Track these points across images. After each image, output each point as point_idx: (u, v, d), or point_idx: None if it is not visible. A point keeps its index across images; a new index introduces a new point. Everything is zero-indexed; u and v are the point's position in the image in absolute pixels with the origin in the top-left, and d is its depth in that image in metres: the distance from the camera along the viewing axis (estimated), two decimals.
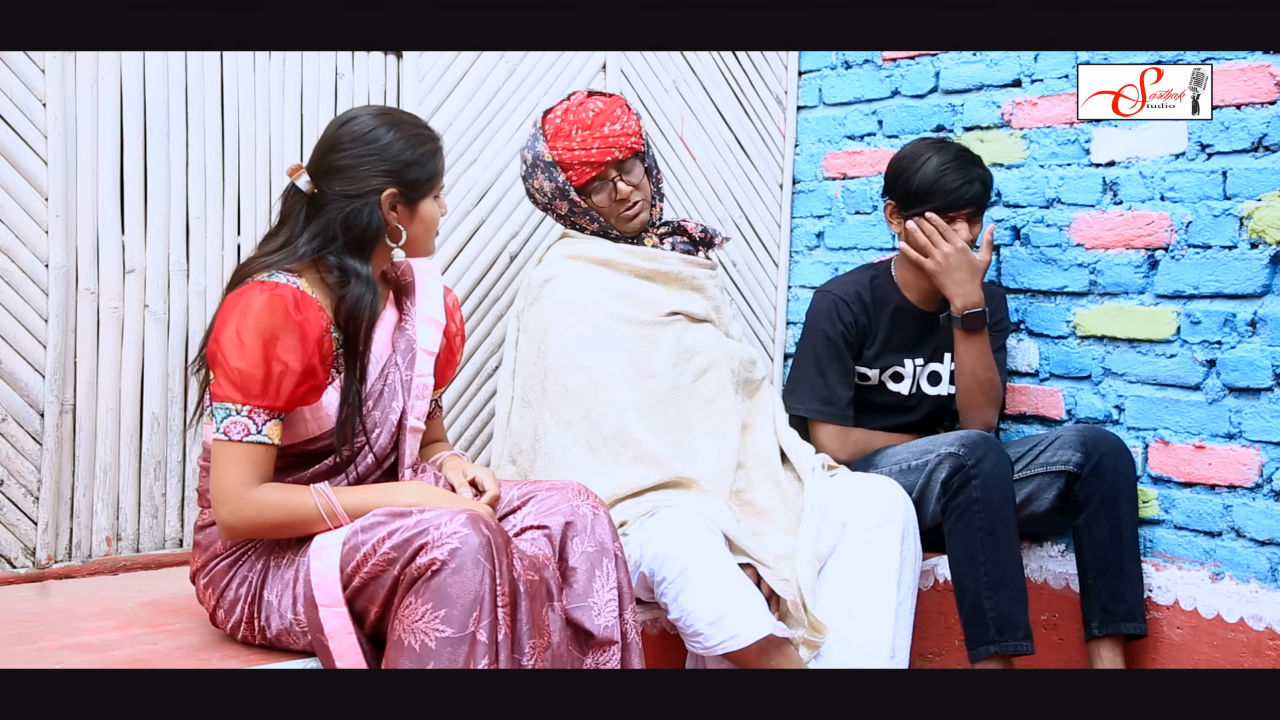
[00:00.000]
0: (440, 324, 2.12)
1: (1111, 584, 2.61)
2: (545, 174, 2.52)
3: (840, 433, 2.80)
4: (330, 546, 1.81)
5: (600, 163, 2.48)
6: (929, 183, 2.72)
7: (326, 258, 1.92)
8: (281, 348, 1.82)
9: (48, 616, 2.11)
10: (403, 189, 1.95)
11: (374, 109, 1.99)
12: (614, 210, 2.54)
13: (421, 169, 1.97)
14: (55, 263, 2.29)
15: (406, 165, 1.95)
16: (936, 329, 2.87)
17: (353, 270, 1.92)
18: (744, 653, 2.16)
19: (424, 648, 1.71)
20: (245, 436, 1.83)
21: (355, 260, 1.93)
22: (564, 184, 2.50)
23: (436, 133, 2.03)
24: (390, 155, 1.93)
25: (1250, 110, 2.56)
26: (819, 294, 2.89)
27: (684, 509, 2.30)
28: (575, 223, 2.59)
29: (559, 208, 2.56)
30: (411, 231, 1.99)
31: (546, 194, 2.54)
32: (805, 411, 2.82)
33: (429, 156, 1.98)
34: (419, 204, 1.99)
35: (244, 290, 1.86)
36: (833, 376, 2.81)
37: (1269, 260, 2.53)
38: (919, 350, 2.88)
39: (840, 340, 2.81)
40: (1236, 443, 2.59)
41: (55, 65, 2.26)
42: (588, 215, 2.55)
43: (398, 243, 1.98)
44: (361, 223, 1.92)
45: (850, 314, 2.82)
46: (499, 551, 1.76)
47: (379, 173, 1.93)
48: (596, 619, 1.97)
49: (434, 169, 1.99)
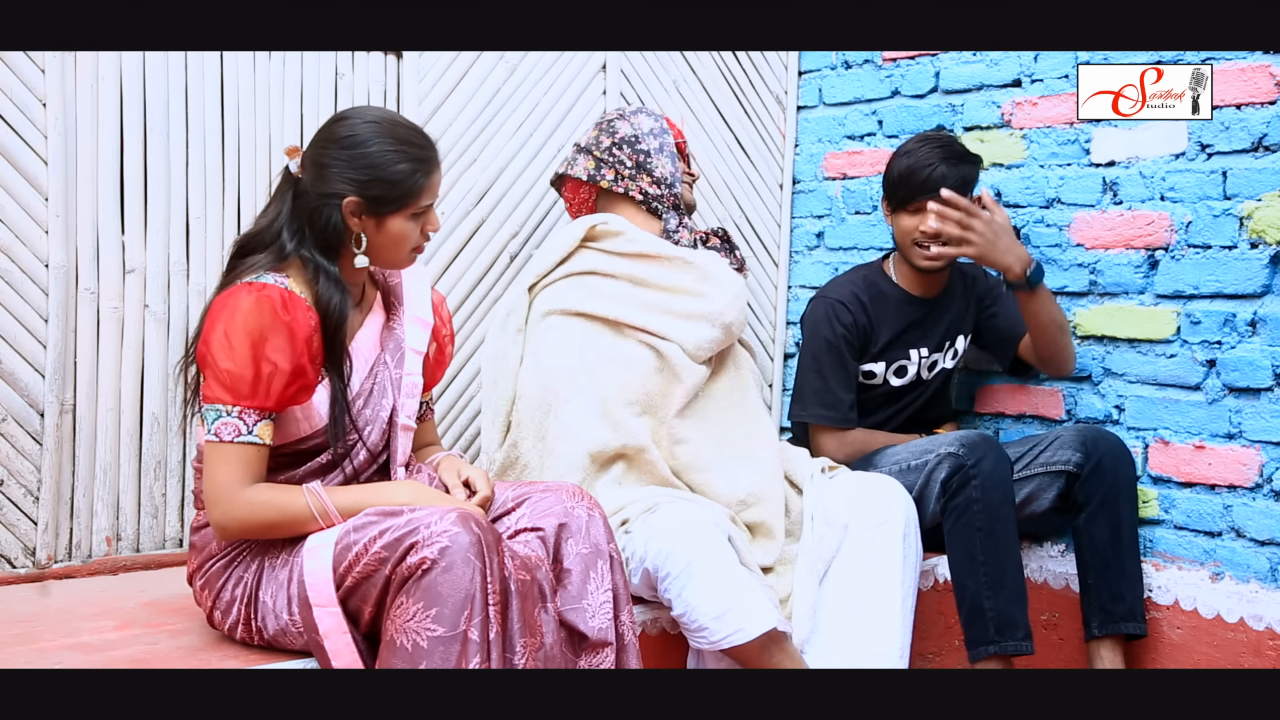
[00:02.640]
0: (428, 324, 2.12)
1: (1111, 584, 2.61)
2: (652, 119, 2.67)
3: (840, 435, 2.80)
4: (323, 546, 1.81)
5: (682, 148, 2.77)
6: (904, 169, 2.75)
7: (301, 253, 1.93)
8: (270, 348, 1.83)
9: (48, 616, 2.11)
10: (366, 201, 1.92)
11: (376, 114, 1.96)
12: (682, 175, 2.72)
13: (391, 187, 1.91)
14: (55, 263, 2.29)
15: (374, 180, 1.90)
16: (940, 317, 2.87)
17: (322, 268, 1.93)
18: (748, 648, 2.16)
19: (416, 647, 1.71)
20: (236, 437, 1.83)
21: (324, 258, 1.93)
22: (666, 129, 2.68)
23: (431, 151, 1.97)
24: (362, 165, 1.90)
25: (1250, 110, 2.56)
26: (815, 301, 2.89)
27: (687, 504, 2.31)
28: (633, 174, 2.64)
29: (641, 144, 2.64)
30: (375, 241, 1.95)
31: (642, 128, 2.64)
32: (810, 418, 2.82)
33: (406, 175, 1.92)
34: (386, 219, 1.94)
35: (232, 292, 1.86)
36: (835, 380, 2.80)
37: (1269, 260, 2.53)
38: (924, 341, 2.88)
39: (841, 343, 2.80)
40: (1236, 443, 2.59)
41: (55, 65, 2.26)
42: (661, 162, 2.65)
43: (359, 249, 1.95)
44: (322, 222, 1.92)
45: (849, 315, 2.82)
46: (489, 550, 1.76)
47: (346, 179, 1.90)
48: (591, 620, 1.96)
49: (409, 187, 1.92)
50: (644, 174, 2.62)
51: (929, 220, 2.69)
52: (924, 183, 2.71)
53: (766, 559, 2.43)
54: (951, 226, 2.66)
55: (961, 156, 2.73)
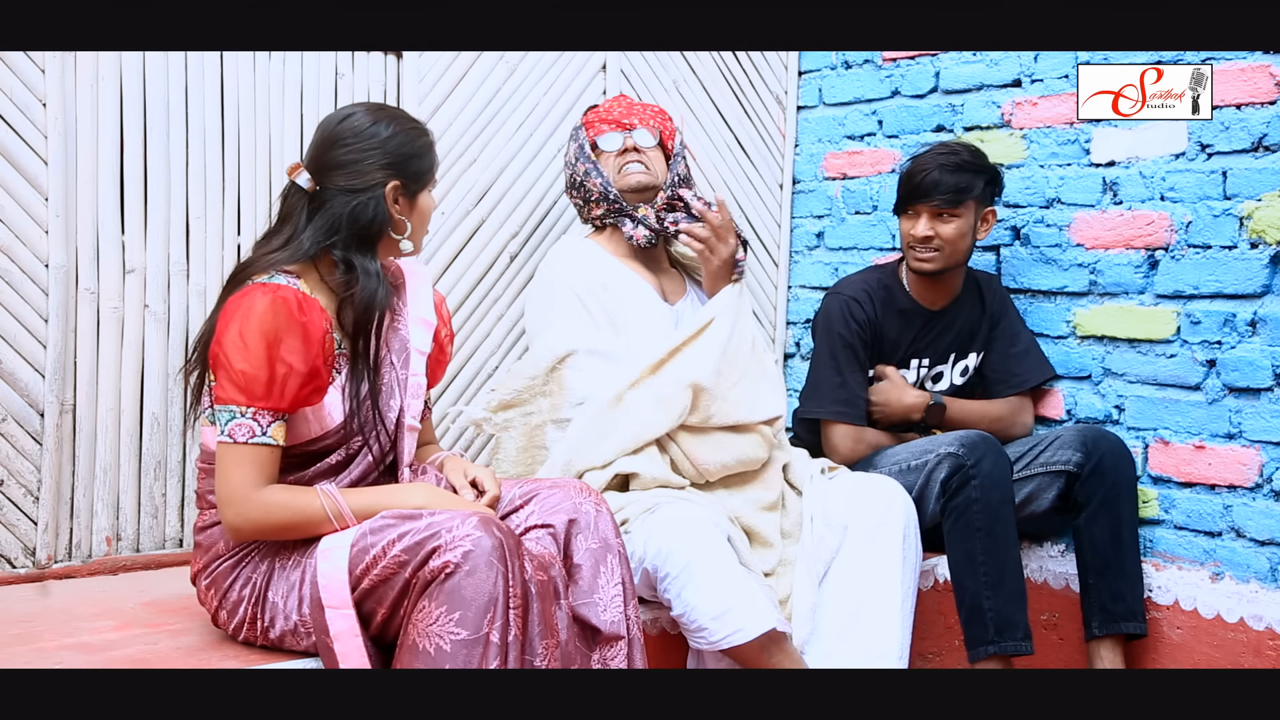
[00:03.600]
0: (431, 324, 2.13)
1: (1111, 584, 2.61)
2: (574, 141, 2.69)
3: (856, 433, 2.79)
4: (338, 548, 1.81)
5: (616, 120, 2.67)
6: (905, 172, 2.77)
7: (332, 253, 1.92)
8: (285, 349, 1.82)
9: (48, 616, 2.11)
10: (405, 181, 1.96)
11: (366, 105, 2.01)
12: (614, 167, 2.65)
13: (421, 161, 1.99)
14: (55, 263, 2.29)
15: (408, 158, 1.97)
16: (944, 331, 2.87)
17: (360, 266, 1.93)
18: (747, 648, 2.16)
19: (439, 650, 1.72)
20: (250, 438, 1.82)
21: (362, 255, 1.94)
22: (584, 141, 2.66)
23: (427, 127, 2.05)
24: (392, 149, 1.95)
25: (1250, 110, 2.56)
26: (829, 296, 2.88)
27: (686, 504, 2.31)
28: (587, 207, 2.67)
29: (578, 178, 2.65)
30: (412, 223, 2.01)
31: (574, 161, 2.67)
32: (826, 415, 2.80)
33: (426, 149, 2.01)
34: (418, 196, 2.01)
35: (246, 292, 1.86)
36: (851, 378, 2.80)
37: (1269, 260, 2.53)
38: (926, 352, 2.88)
39: (856, 340, 2.80)
40: (1236, 443, 2.59)
41: (55, 65, 2.26)
42: (593, 184, 2.63)
43: (403, 234, 1.99)
44: (368, 216, 1.93)
45: (863, 312, 2.81)
46: (511, 554, 1.77)
47: (382, 166, 1.94)
48: (603, 614, 1.97)
49: (431, 161, 2.03)
50: (591, 205, 2.67)
51: (918, 226, 2.72)
52: (916, 187, 2.72)
53: (764, 565, 2.43)
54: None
55: (963, 166, 2.71)
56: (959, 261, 2.78)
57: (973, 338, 2.90)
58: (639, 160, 2.64)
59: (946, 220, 2.72)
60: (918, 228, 2.73)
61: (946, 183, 2.70)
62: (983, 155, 2.78)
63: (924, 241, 2.73)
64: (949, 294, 2.86)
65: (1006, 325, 2.90)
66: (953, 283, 2.85)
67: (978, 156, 2.77)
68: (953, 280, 2.84)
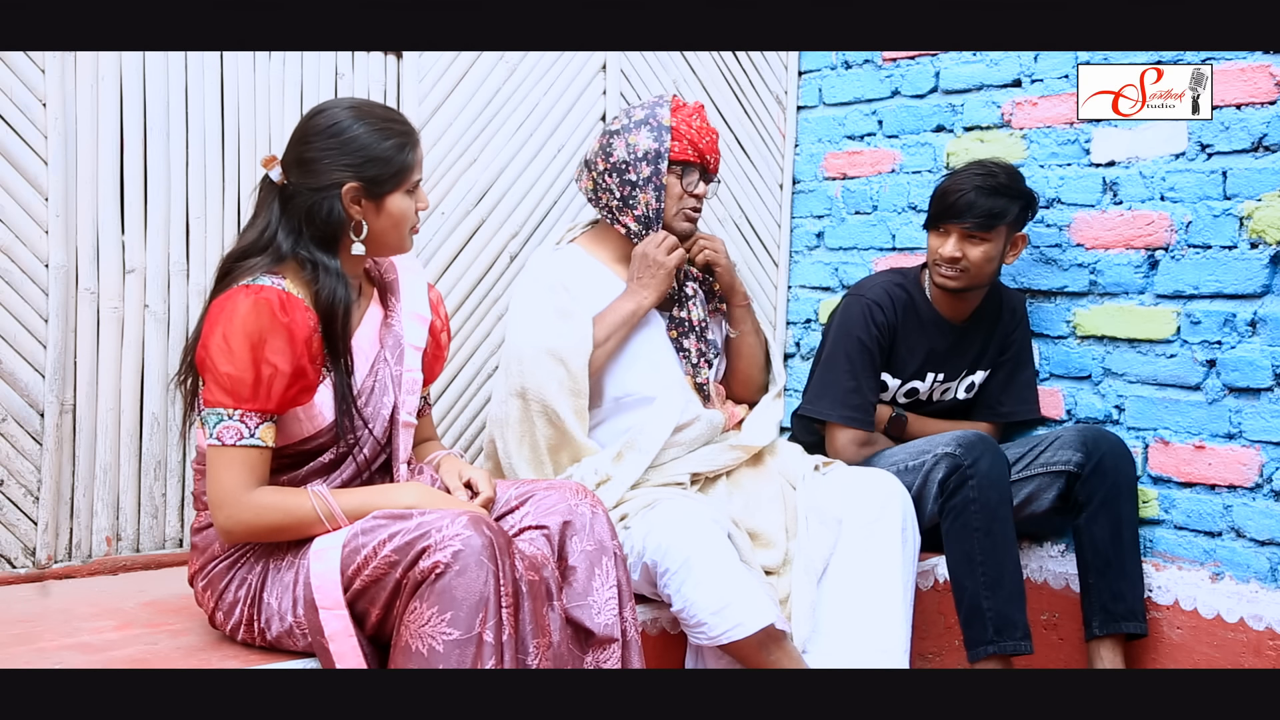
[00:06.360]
0: (425, 319, 2.12)
1: (1112, 584, 2.61)
2: (652, 133, 2.50)
3: (862, 438, 2.77)
4: (330, 549, 1.81)
5: (702, 153, 2.53)
6: (940, 188, 2.74)
7: (299, 252, 1.92)
8: (270, 350, 1.82)
9: (48, 616, 2.11)
10: (365, 183, 1.92)
11: (347, 101, 1.97)
12: (679, 204, 2.54)
13: (386, 164, 1.93)
14: (55, 263, 2.29)
15: (369, 160, 1.92)
16: (965, 349, 2.85)
17: (321, 264, 1.92)
18: (745, 644, 2.16)
19: (431, 651, 1.72)
20: (239, 440, 1.82)
21: (323, 253, 1.92)
22: (664, 149, 2.49)
23: (410, 126, 1.99)
24: (353, 149, 1.91)
25: (1250, 110, 2.56)
26: (850, 297, 2.85)
27: (686, 500, 2.31)
28: (620, 206, 2.54)
29: (631, 173, 2.51)
30: (377, 226, 1.96)
31: (636, 152, 2.50)
32: (835, 417, 2.77)
33: (396, 150, 1.93)
34: (385, 199, 1.95)
35: (229, 295, 1.86)
36: (865, 383, 2.77)
37: (1269, 260, 2.53)
38: (942, 367, 2.86)
39: (874, 344, 2.77)
40: (1236, 443, 2.59)
41: (55, 65, 2.26)
42: (646, 198, 2.51)
43: (359, 237, 1.95)
44: (322, 216, 1.91)
45: (884, 317, 2.78)
46: (501, 553, 1.76)
47: (340, 166, 1.91)
48: (597, 617, 1.97)
49: (401, 163, 1.94)
50: (628, 210, 2.53)
51: (946, 245, 2.70)
52: (950, 207, 2.69)
53: (771, 561, 2.42)
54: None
55: (999, 190, 2.67)
56: (983, 283, 2.76)
57: (984, 354, 2.89)
58: (699, 209, 2.59)
59: (977, 243, 2.69)
60: (946, 247, 2.70)
61: (981, 205, 2.65)
62: (1020, 178, 2.73)
63: (951, 261, 2.71)
64: (969, 308, 2.84)
65: (1015, 353, 2.89)
66: (976, 298, 2.83)
67: (1015, 179, 2.72)
68: (976, 296, 2.82)
